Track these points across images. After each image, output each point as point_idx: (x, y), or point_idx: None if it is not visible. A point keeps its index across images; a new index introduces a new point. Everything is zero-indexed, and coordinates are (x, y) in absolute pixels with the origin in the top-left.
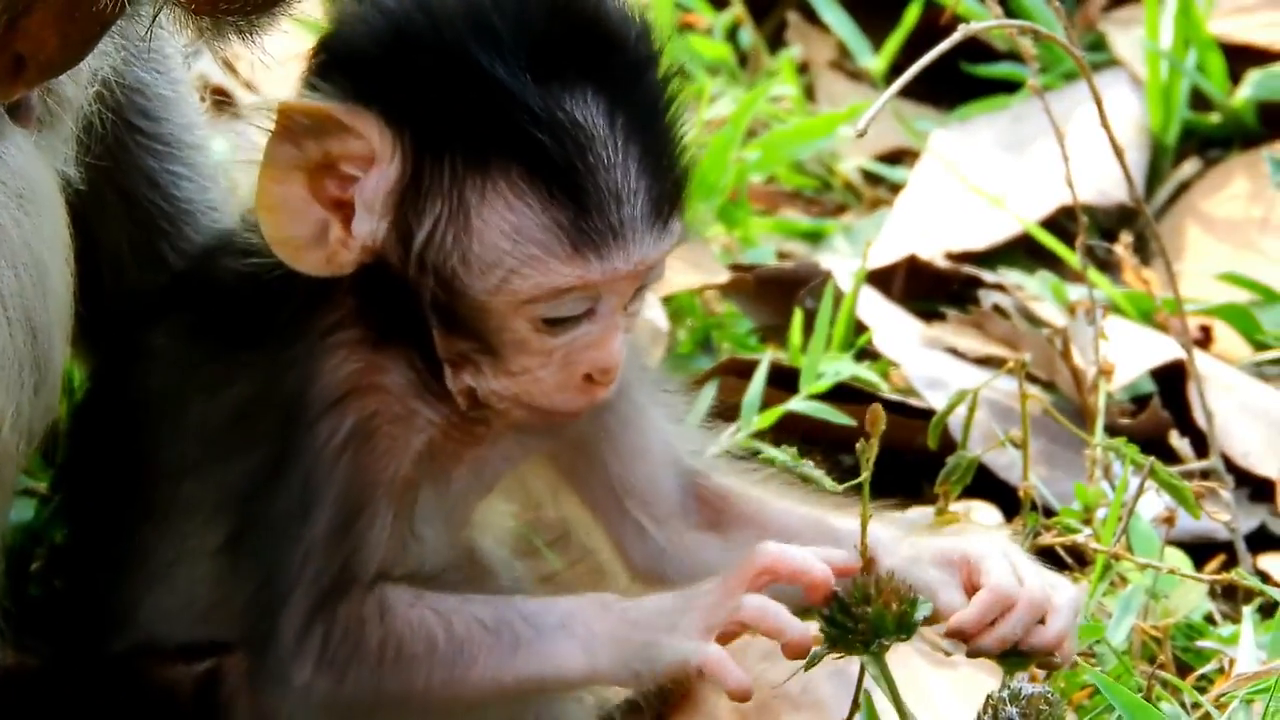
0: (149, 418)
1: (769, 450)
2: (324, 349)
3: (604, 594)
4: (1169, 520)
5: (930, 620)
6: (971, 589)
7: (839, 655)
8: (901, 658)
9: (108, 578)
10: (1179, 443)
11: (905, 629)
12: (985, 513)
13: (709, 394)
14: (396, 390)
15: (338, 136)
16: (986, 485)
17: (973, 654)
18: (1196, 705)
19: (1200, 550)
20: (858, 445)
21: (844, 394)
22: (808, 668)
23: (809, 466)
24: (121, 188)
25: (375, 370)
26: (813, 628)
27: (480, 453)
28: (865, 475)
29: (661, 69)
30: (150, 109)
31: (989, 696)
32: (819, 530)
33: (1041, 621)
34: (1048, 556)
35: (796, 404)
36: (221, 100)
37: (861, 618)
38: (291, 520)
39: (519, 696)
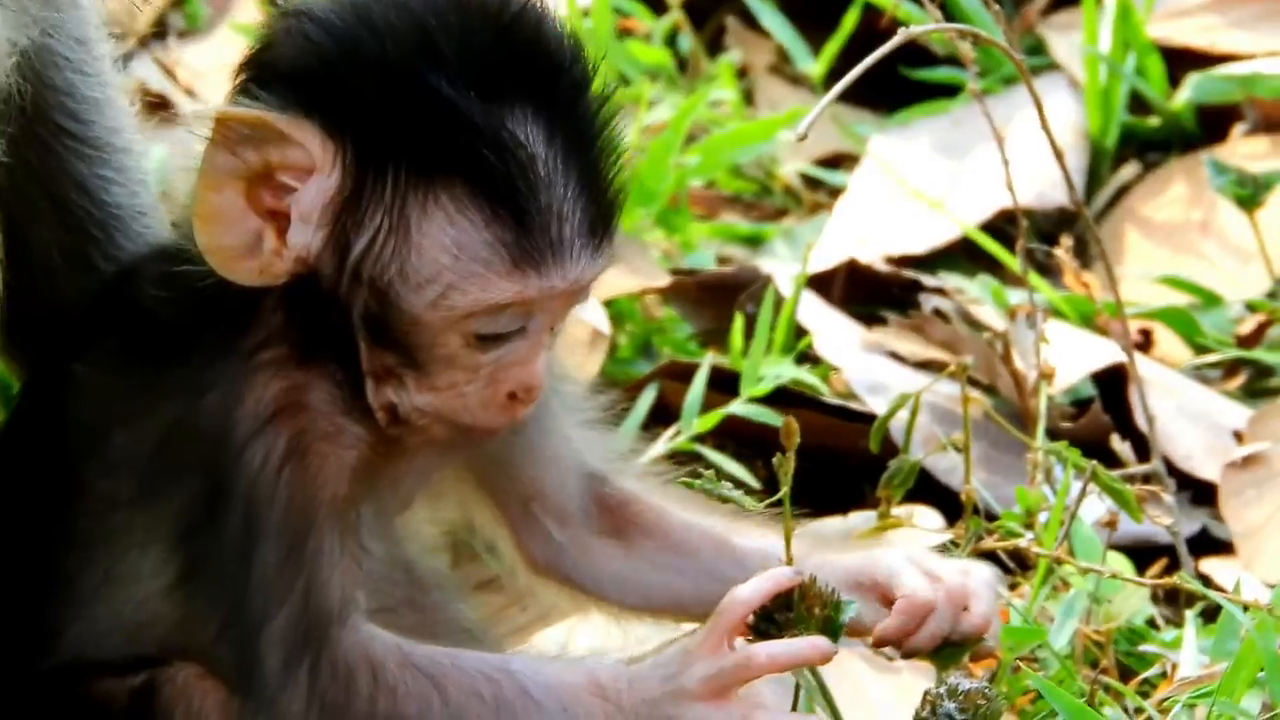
0: (73, 448)
1: (708, 454)
2: (248, 369)
3: (593, 667)
4: (1111, 524)
5: (855, 633)
6: (887, 602)
7: None
8: (843, 664)
9: (31, 600)
10: (1120, 446)
11: (830, 633)
12: (927, 517)
13: (648, 398)
14: (323, 408)
15: (277, 145)
16: (928, 489)
17: (908, 655)
18: (1139, 710)
19: (1142, 554)
20: (774, 459)
21: (785, 398)
22: None
23: (727, 487)
24: (51, 193)
25: (300, 389)
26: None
27: (400, 467)
28: (784, 489)
29: (598, 89)
30: (79, 111)
31: (926, 693)
32: (720, 548)
33: (966, 609)
34: (990, 561)
35: (736, 407)
36: (159, 106)
37: (785, 624)
38: (241, 550)
39: None
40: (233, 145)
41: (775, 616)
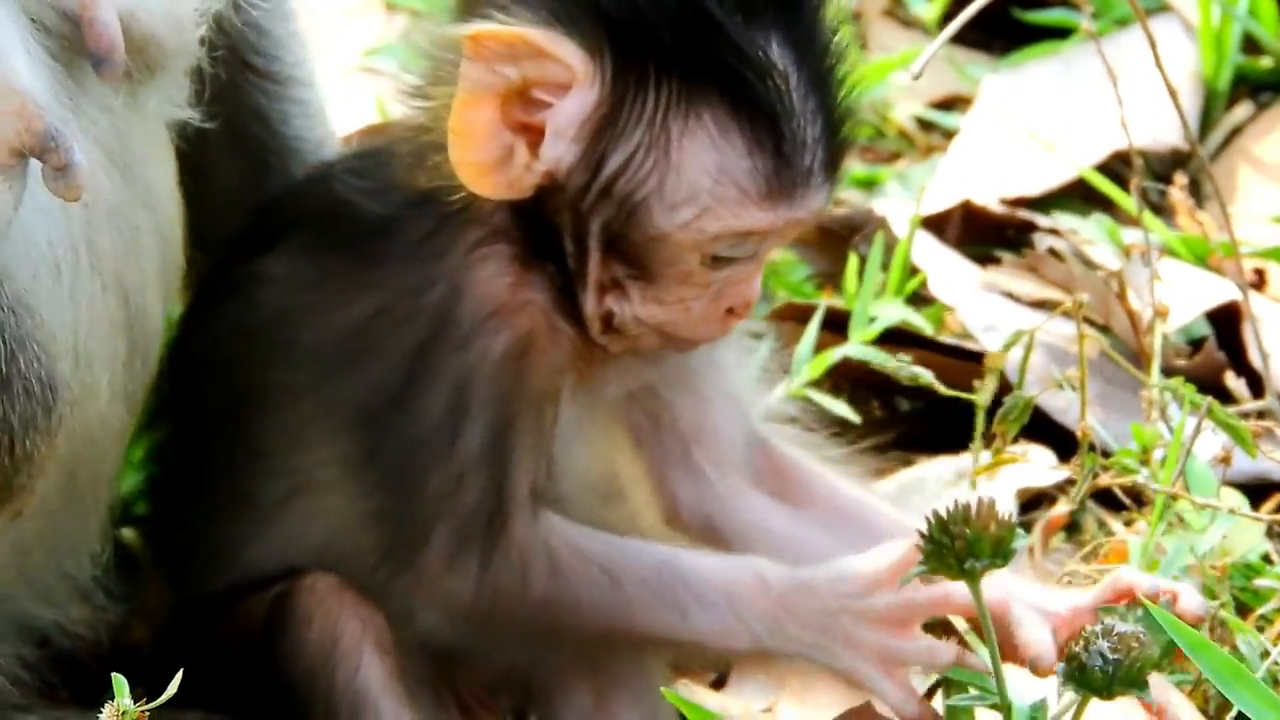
0: (255, 346)
1: (819, 398)
2: (471, 264)
3: (760, 566)
4: (1225, 460)
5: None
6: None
7: (931, 572)
8: None
9: (207, 521)
10: (1235, 384)
11: (1001, 554)
12: (1040, 454)
13: (767, 342)
14: (544, 306)
15: (536, 61)
16: (1042, 427)
17: None
18: (1258, 645)
19: (1257, 490)
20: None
21: (900, 338)
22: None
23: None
24: (232, 125)
25: (525, 286)
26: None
27: (596, 374)
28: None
29: (832, 14)
30: (263, 47)
31: (1082, 630)
32: (899, 531)
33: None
34: (1105, 497)
35: (848, 349)
36: None
37: (959, 536)
38: (439, 435)
39: (669, 650)
40: (490, 61)
41: (951, 529)
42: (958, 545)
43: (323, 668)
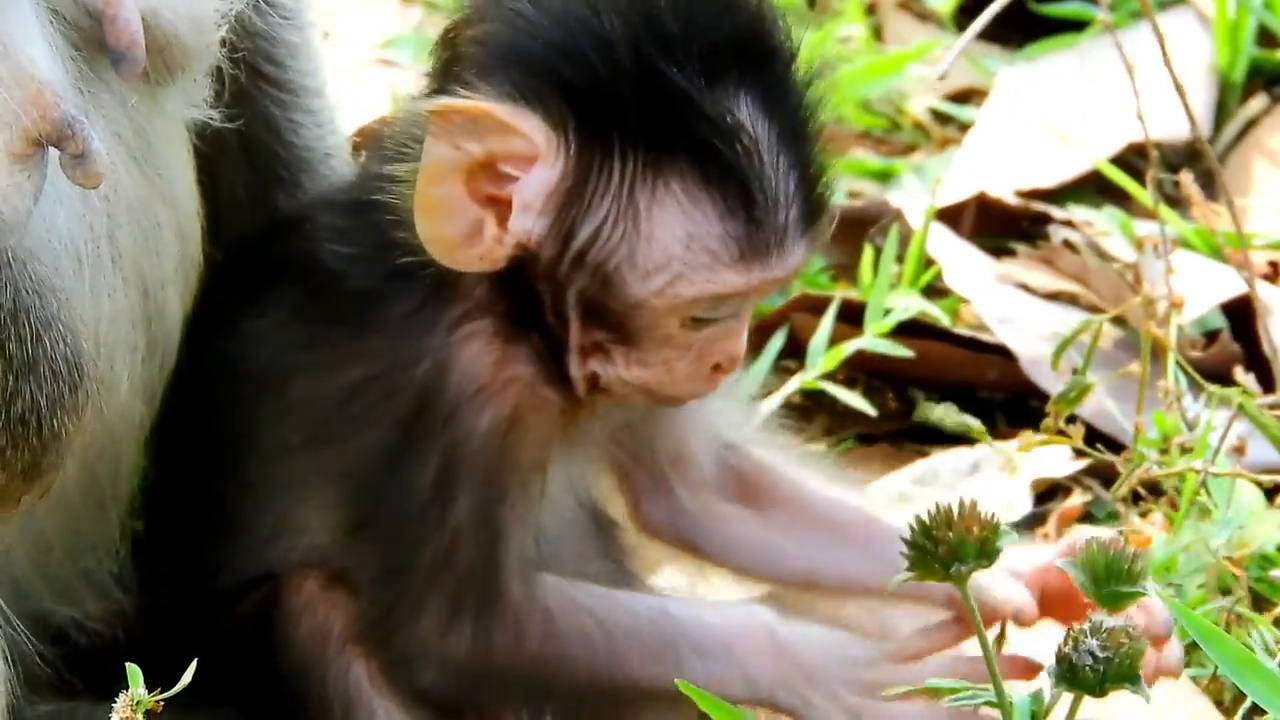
0: (248, 395)
1: (834, 390)
2: (455, 343)
3: (763, 615)
4: (1239, 449)
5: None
6: None
7: (917, 578)
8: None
9: (195, 542)
10: (1244, 378)
11: (987, 555)
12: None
13: (781, 334)
14: (529, 379)
15: (499, 136)
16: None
17: None
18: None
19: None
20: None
21: (915, 330)
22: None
23: None
24: (242, 133)
25: (509, 362)
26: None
27: (582, 428)
28: None
29: (804, 68)
30: (276, 55)
31: (1069, 629)
32: (868, 526)
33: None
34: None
35: (864, 342)
36: None
37: (943, 541)
38: (429, 508)
39: (674, 704)
40: (454, 136)
41: (934, 533)
42: (942, 550)
43: (313, 667)
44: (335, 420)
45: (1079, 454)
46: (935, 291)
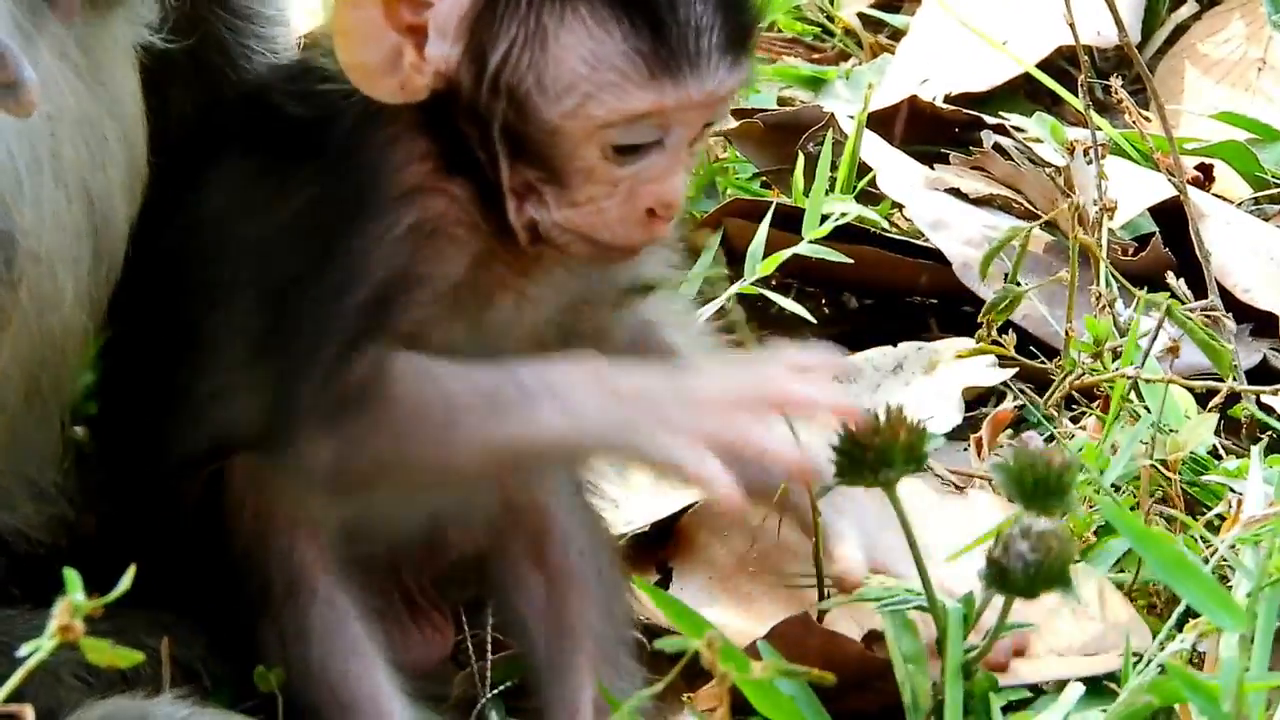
0: (198, 244)
1: (772, 295)
2: (389, 153)
3: (598, 362)
4: (1173, 351)
5: None
6: None
7: (847, 484)
8: (911, 488)
9: (142, 413)
10: (1175, 283)
11: (914, 460)
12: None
13: (715, 238)
14: (462, 200)
15: None
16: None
17: None
18: (1205, 541)
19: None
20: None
21: (848, 235)
22: (815, 499)
23: None
24: (194, 54)
25: (442, 177)
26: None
27: (525, 286)
28: None
29: None
30: None
31: (999, 533)
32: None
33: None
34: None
35: (801, 248)
36: None
37: (870, 446)
38: (331, 294)
39: (507, 462)
40: None
41: (860, 440)
42: (869, 456)
43: (256, 549)
44: (280, 248)
45: (1010, 361)
46: (867, 197)
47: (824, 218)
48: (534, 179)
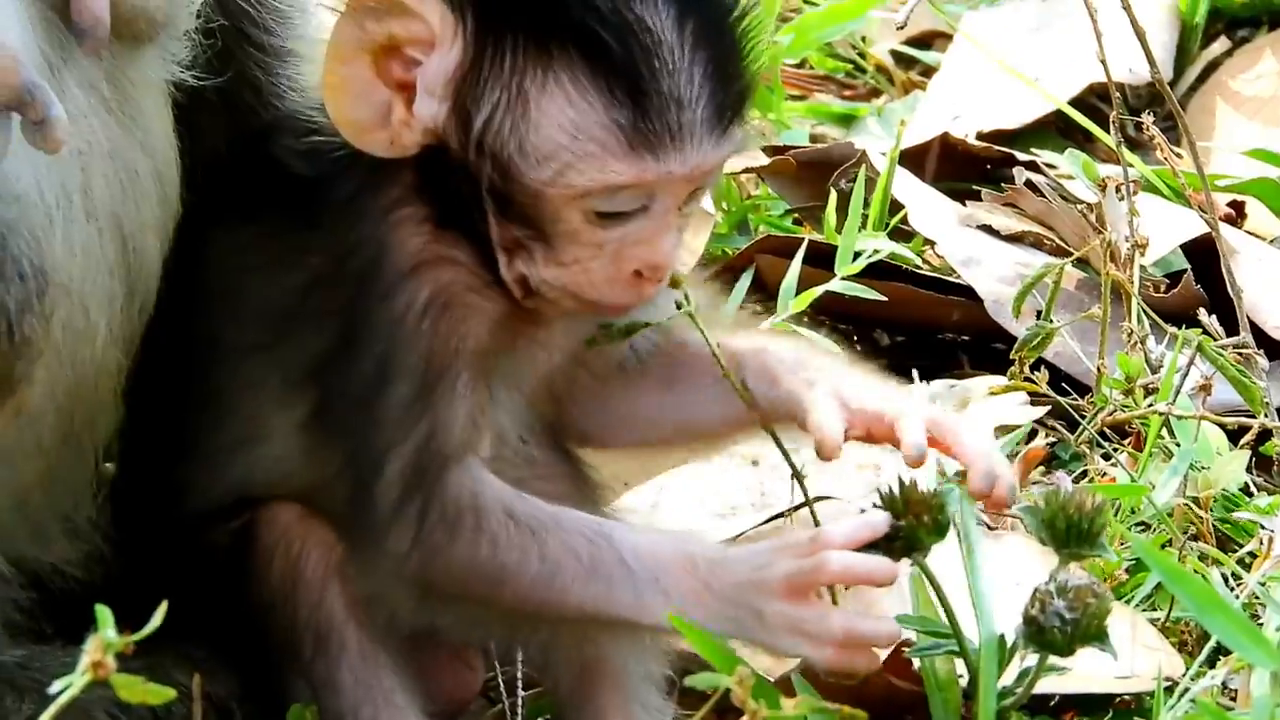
0: (205, 302)
1: (804, 332)
2: (390, 224)
3: (689, 543)
4: (1205, 388)
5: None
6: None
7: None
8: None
9: (163, 461)
10: (1207, 320)
11: (939, 532)
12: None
13: (747, 276)
14: (464, 264)
15: (400, 19)
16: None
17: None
18: (1237, 578)
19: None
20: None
21: (880, 272)
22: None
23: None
24: (225, 91)
25: (442, 244)
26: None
27: (537, 333)
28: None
29: None
30: (263, 19)
31: (1035, 590)
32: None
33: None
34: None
35: (834, 285)
36: None
37: (896, 534)
38: (370, 391)
39: (604, 625)
40: (360, 17)
41: (887, 532)
42: (897, 545)
43: (286, 601)
44: (288, 319)
45: (1042, 398)
46: (900, 234)
47: (856, 254)
48: (522, 237)
